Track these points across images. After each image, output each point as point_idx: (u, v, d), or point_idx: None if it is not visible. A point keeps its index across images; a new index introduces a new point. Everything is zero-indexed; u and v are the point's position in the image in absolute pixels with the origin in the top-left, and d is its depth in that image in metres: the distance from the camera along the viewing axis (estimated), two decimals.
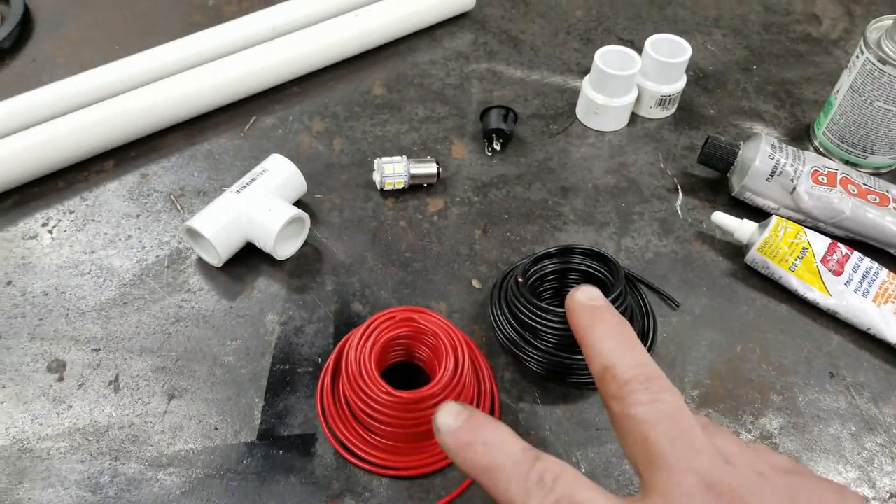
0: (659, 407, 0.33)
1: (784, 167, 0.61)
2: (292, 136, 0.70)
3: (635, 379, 0.34)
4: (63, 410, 0.51)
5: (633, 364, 0.35)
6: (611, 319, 0.38)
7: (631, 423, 0.33)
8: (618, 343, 0.36)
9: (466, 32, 0.82)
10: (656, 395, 0.33)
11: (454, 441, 0.35)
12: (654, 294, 0.59)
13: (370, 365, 0.47)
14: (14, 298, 0.57)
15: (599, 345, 0.37)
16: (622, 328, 0.38)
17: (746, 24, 0.85)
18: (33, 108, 0.67)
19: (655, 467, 0.31)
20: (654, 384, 0.34)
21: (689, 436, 0.32)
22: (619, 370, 0.35)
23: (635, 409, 0.33)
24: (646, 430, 0.32)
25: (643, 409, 0.33)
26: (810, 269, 0.58)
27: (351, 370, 0.47)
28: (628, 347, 0.36)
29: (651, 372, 0.35)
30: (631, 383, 0.34)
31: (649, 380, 0.34)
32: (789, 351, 0.56)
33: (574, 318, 0.40)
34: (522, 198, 0.66)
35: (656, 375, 0.34)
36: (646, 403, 0.33)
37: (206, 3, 0.86)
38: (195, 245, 0.59)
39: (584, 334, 0.38)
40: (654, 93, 0.71)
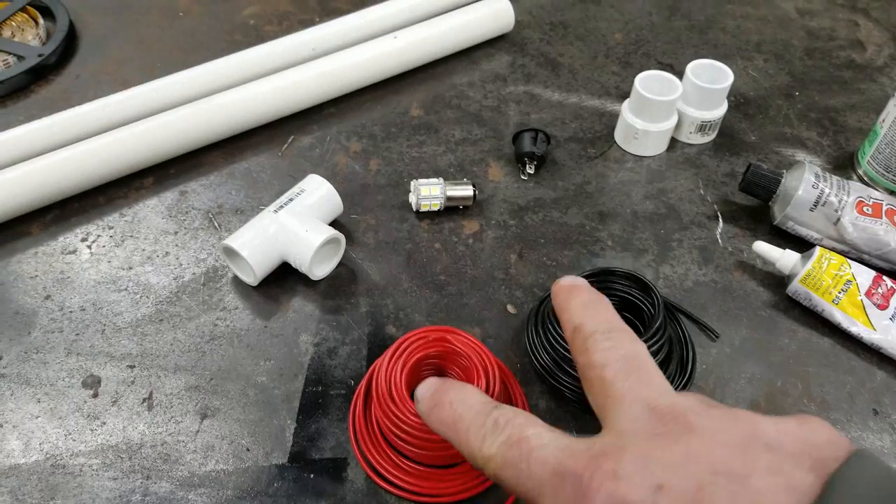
0: (617, 351, 0.34)
1: (828, 197, 0.60)
2: (329, 156, 0.71)
3: (598, 330, 0.36)
4: (97, 427, 0.51)
5: (600, 321, 0.37)
6: (586, 293, 0.40)
7: (591, 369, 0.35)
8: (588, 307, 0.38)
9: (504, 54, 0.82)
10: (616, 342, 0.35)
11: (426, 405, 0.38)
12: (694, 324, 0.58)
13: (401, 384, 0.46)
14: (52, 313, 0.58)
15: (573, 311, 0.39)
16: (596, 298, 0.39)
17: (789, 49, 0.84)
18: (76, 125, 0.68)
19: (609, 402, 0.33)
20: (616, 334, 0.36)
21: (641, 371, 0.33)
22: (585, 325, 0.37)
23: (595, 356, 0.35)
24: (602, 373, 0.34)
25: (602, 354, 0.35)
26: (854, 302, 0.56)
27: (381, 389, 0.47)
28: (597, 310, 0.38)
29: (615, 325, 0.36)
30: (595, 335, 0.36)
31: (612, 330, 0.36)
32: (831, 386, 0.54)
33: (555, 297, 0.41)
34: (559, 222, 0.65)
35: (620, 328, 0.36)
36: (605, 349, 0.35)
37: (246, 23, 0.87)
38: (232, 263, 0.59)
39: (563, 307, 0.40)
40: (695, 118, 0.70)
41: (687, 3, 0.91)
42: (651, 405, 0.31)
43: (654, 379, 0.33)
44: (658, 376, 0.33)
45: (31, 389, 0.53)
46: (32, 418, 0.51)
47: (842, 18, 0.88)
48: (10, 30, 0.81)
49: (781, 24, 0.88)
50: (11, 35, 0.81)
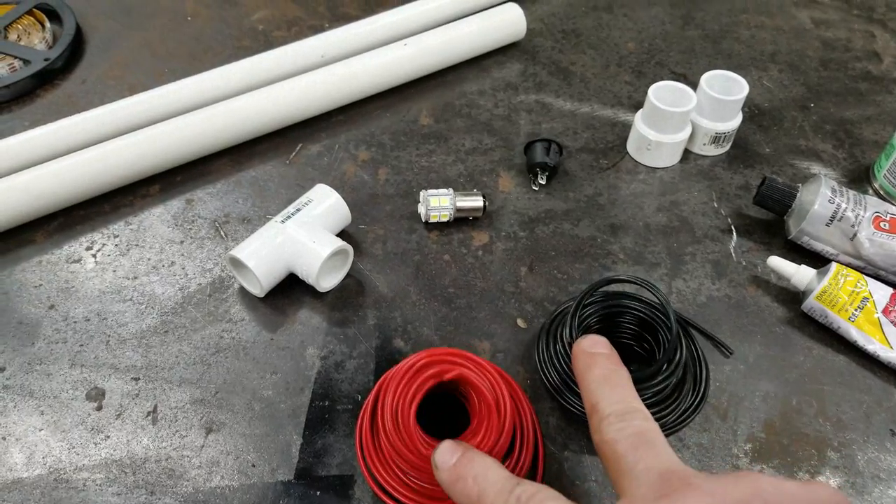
0: (630, 429, 0.37)
1: (845, 212, 0.59)
2: (338, 165, 0.70)
3: (614, 413, 0.38)
4: (100, 440, 0.50)
5: (615, 401, 0.39)
6: (606, 364, 0.42)
7: (606, 446, 0.37)
8: (606, 383, 0.41)
9: (515, 62, 0.81)
10: (629, 422, 0.38)
11: (448, 476, 0.40)
12: (707, 340, 0.57)
13: (409, 420, 0.45)
14: (56, 323, 0.57)
15: (591, 385, 0.41)
16: (614, 372, 0.42)
17: (804, 60, 0.83)
18: (81, 131, 0.67)
19: (623, 475, 0.35)
20: (630, 415, 0.38)
21: (652, 444, 0.36)
22: (601, 405, 0.39)
23: (609, 434, 0.37)
24: (615, 448, 0.36)
25: (616, 433, 0.37)
26: (871, 319, 0.55)
27: (387, 424, 0.45)
28: (614, 387, 0.40)
29: (630, 407, 0.39)
30: (610, 417, 0.38)
31: (626, 413, 0.38)
32: (847, 405, 0.53)
33: (575, 361, 0.44)
34: (570, 234, 0.64)
35: (634, 409, 0.38)
36: (619, 429, 0.37)
37: (255, 28, 0.86)
38: (238, 274, 0.59)
39: (581, 377, 0.43)
40: (709, 130, 0.69)
41: (701, 13, 0.90)
42: (660, 473, 0.34)
43: (663, 451, 0.36)
44: (666, 448, 0.36)
45: (35, 401, 0.52)
46: (36, 431, 0.51)
47: (857, 29, 0.87)
48: (16, 33, 0.80)
49: (796, 34, 0.87)
50: (17, 39, 0.80)
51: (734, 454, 0.50)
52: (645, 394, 0.48)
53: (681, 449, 0.50)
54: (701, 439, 0.51)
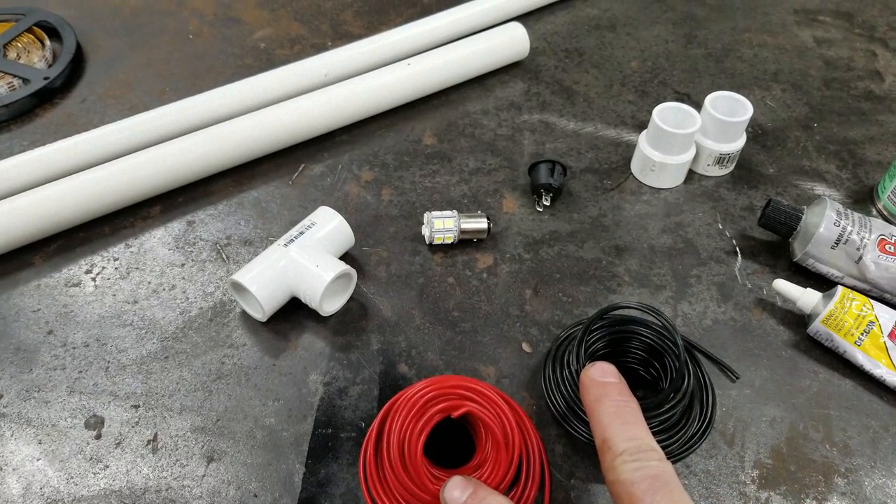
0: (644, 471, 0.37)
1: (850, 235, 0.59)
2: (341, 186, 0.69)
3: (627, 451, 0.38)
4: (99, 470, 0.49)
5: (628, 438, 0.39)
6: (616, 397, 0.42)
7: (619, 486, 0.37)
8: (618, 418, 0.40)
9: (518, 82, 0.81)
10: (644, 462, 0.37)
11: None
12: (713, 364, 0.56)
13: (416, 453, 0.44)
14: (54, 349, 0.56)
15: (602, 419, 0.41)
16: (626, 405, 0.41)
17: (807, 79, 0.83)
18: (81, 152, 0.67)
19: None
20: (644, 454, 0.38)
21: (669, 488, 0.36)
22: (614, 442, 0.39)
23: (624, 475, 0.37)
24: (631, 489, 0.36)
25: (630, 474, 0.37)
26: (877, 344, 0.54)
27: (394, 458, 0.45)
28: (626, 423, 0.40)
29: (643, 445, 0.38)
30: (623, 455, 0.38)
31: (640, 451, 0.38)
32: (854, 430, 0.53)
33: (585, 391, 0.44)
34: (575, 256, 0.63)
35: (648, 448, 0.38)
36: (633, 470, 0.37)
37: (257, 47, 0.86)
38: (240, 298, 0.58)
39: (592, 409, 0.42)
40: (713, 151, 0.69)
41: (703, 31, 0.90)
42: None
43: (680, 497, 0.35)
44: (683, 494, 0.36)
45: (33, 430, 0.51)
46: (33, 461, 0.50)
47: (859, 48, 0.87)
48: (15, 51, 0.80)
49: (799, 53, 0.87)
50: (17, 57, 0.79)
51: (741, 481, 0.50)
52: (652, 422, 0.47)
53: (687, 476, 0.50)
54: (708, 466, 0.50)
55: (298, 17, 0.91)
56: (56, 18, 0.85)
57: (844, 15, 0.93)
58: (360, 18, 0.91)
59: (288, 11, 0.92)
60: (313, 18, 0.91)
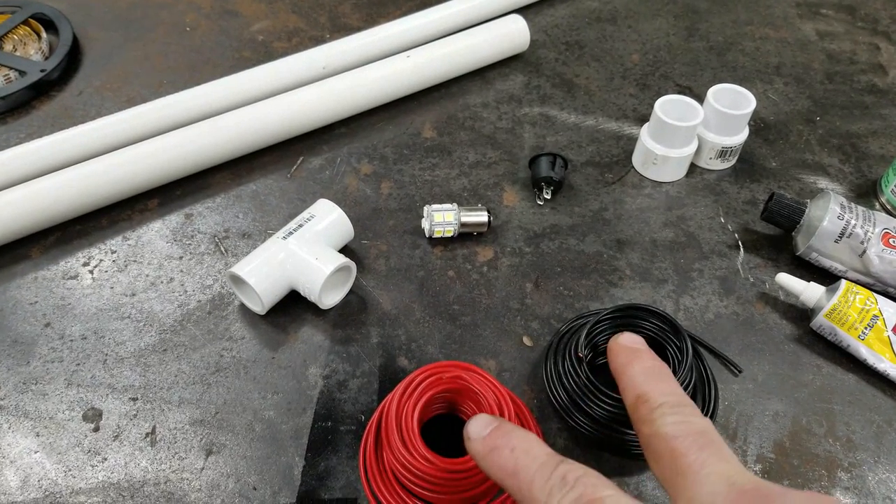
0: (688, 425, 0.34)
1: (854, 229, 0.58)
2: (340, 179, 0.69)
3: (667, 403, 0.36)
4: (97, 463, 0.49)
5: (666, 392, 0.37)
6: (648, 360, 0.40)
7: (659, 441, 0.34)
8: (652, 376, 0.38)
9: (519, 74, 0.81)
10: (686, 416, 0.35)
11: (482, 446, 0.36)
12: (716, 358, 0.56)
13: (413, 428, 0.44)
14: (52, 341, 0.56)
15: (636, 378, 0.39)
16: (659, 366, 0.40)
17: (809, 72, 0.82)
18: (78, 144, 0.66)
19: (682, 474, 0.32)
20: (685, 409, 0.35)
21: (717, 446, 0.33)
22: (651, 396, 0.36)
23: (665, 428, 0.34)
24: (673, 444, 0.33)
25: (672, 427, 0.34)
26: (881, 338, 0.54)
27: (392, 434, 0.45)
28: (662, 379, 0.38)
29: (683, 400, 0.36)
30: (662, 407, 0.35)
31: (680, 405, 0.36)
32: (857, 425, 0.52)
33: (614, 357, 0.42)
34: (576, 250, 0.63)
35: (687, 403, 0.36)
36: (675, 423, 0.34)
37: (255, 39, 0.85)
38: (238, 291, 0.57)
39: (623, 371, 0.40)
40: (715, 144, 0.68)
41: (705, 24, 0.89)
42: (731, 481, 0.31)
43: (730, 456, 0.33)
44: (732, 454, 0.33)
45: (30, 422, 0.51)
46: (31, 453, 0.49)
47: (862, 41, 0.87)
48: (11, 43, 0.79)
49: (801, 46, 0.86)
50: (13, 49, 0.79)
51: None
52: None
53: None
54: None
55: (296, 9, 0.90)
56: (52, 10, 0.85)
57: (847, 8, 0.92)
58: (358, 11, 0.90)
59: (286, 4, 0.91)
60: (311, 11, 0.90)
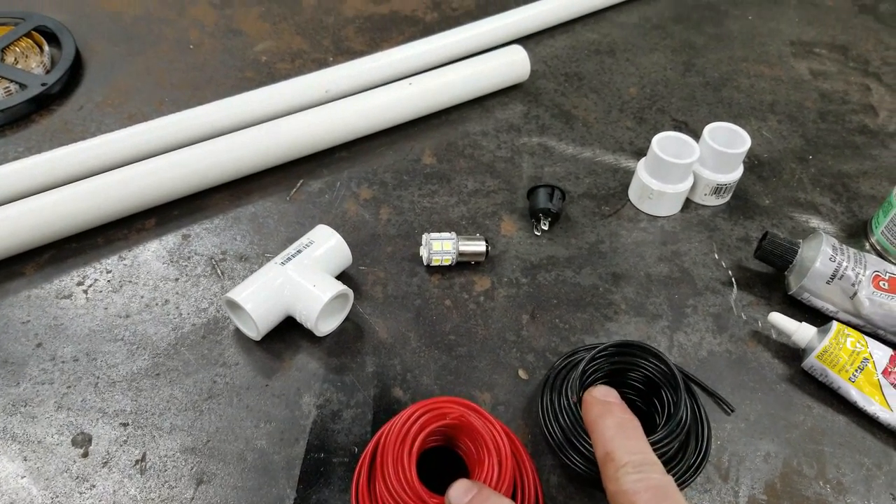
0: (647, 482, 0.37)
1: (845, 270, 0.59)
2: (339, 203, 0.69)
3: (630, 463, 0.38)
4: (85, 490, 0.48)
5: (631, 451, 0.39)
6: (619, 414, 0.42)
7: (622, 497, 0.37)
8: (621, 432, 0.41)
9: (518, 104, 0.81)
10: (647, 474, 0.38)
11: None
12: (708, 396, 0.56)
13: (409, 466, 0.44)
14: (43, 363, 0.55)
15: (605, 433, 0.41)
16: (628, 422, 0.42)
17: (802, 111, 0.84)
18: (77, 161, 0.66)
19: None
20: (647, 467, 0.38)
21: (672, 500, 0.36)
22: (617, 455, 0.39)
23: (627, 486, 0.37)
24: (634, 499, 0.37)
25: (632, 484, 0.37)
26: (871, 381, 0.55)
27: (387, 467, 0.44)
28: (629, 437, 0.41)
29: (647, 459, 0.39)
30: (626, 466, 0.38)
31: (643, 464, 0.38)
32: (847, 467, 0.53)
33: (587, 409, 0.44)
34: (572, 282, 0.63)
35: (651, 462, 0.39)
36: (635, 481, 0.37)
37: (258, 59, 0.85)
38: (234, 316, 0.57)
39: (594, 424, 0.42)
40: (710, 181, 0.69)
41: (702, 59, 0.90)
42: None
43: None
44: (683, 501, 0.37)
45: (18, 446, 0.50)
46: (17, 478, 0.49)
47: (854, 82, 0.88)
48: (13, 56, 0.79)
49: (795, 84, 0.87)
50: (14, 61, 0.78)
51: None
52: None
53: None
54: (702, 500, 0.50)
55: (300, 30, 0.91)
56: (55, 23, 0.85)
57: (840, 48, 0.94)
58: (361, 35, 0.91)
59: (290, 25, 0.92)
60: (315, 33, 0.90)
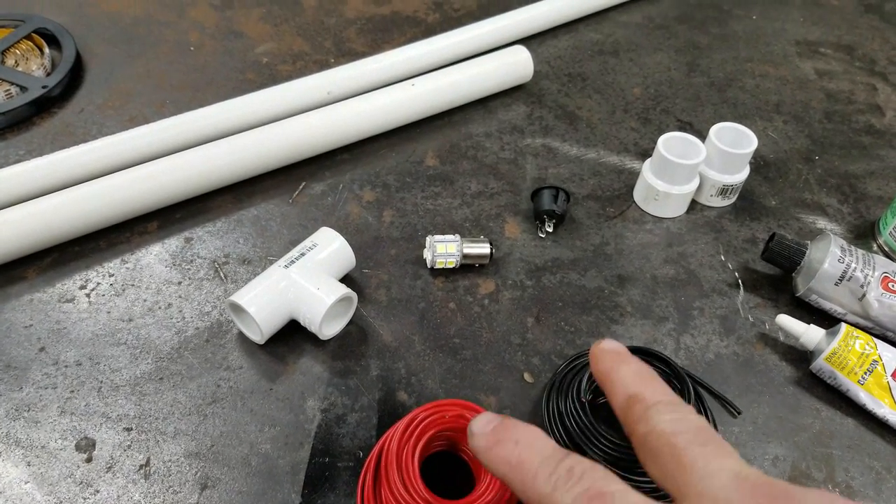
0: (687, 422, 0.33)
1: (854, 272, 0.58)
2: (342, 205, 0.68)
3: (661, 402, 0.34)
4: (89, 495, 0.48)
5: (660, 391, 0.35)
6: (635, 363, 0.38)
7: (657, 438, 0.32)
8: (643, 377, 0.36)
9: (521, 105, 0.81)
10: (684, 414, 0.33)
11: (486, 440, 0.35)
12: (715, 399, 0.56)
13: (413, 469, 0.43)
14: (46, 367, 0.55)
15: (625, 378, 0.36)
16: (647, 369, 0.37)
17: (808, 111, 0.83)
18: (78, 164, 0.65)
19: (686, 471, 0.31)
20: (681, 407, 0.34)
21: (718, 442, 0.32)
22: (645, 395, 0.35)
23: (662, 425, 0.32)
24: (673, 441, 0.32)
25: (670, 424, 0.32)
26: (880, 383, 0.54)
27: (392, 471, 0.44)
28: (654, 380, 0.36)
29: (677, 399, 0.35)
30: (658, 405, 0.34)
31: (676, 403, 0.34)
32: (857, 471, 0.52)
33: (597, 361, 0.39)
34: (577, 285, 0.63)
35: (682, 402, 0.34)
36: (673, 420, 0.33)
37: (260, 61, 0.85)
38: (237, 319, 0.57)
39: (609, 374, 0.38)
40: (717, 182, 0.68)
41: (706, 59, 0.90)
42: (740, 475, 0.29)
43: (732, 451, 0.31)
44: (733, 450, 0.32)
45: (21, 451, 0.50)
46: (21, 483, 0.48)
47: (860, 82, 0.88)
48: (13, 58, 0.78)
49: (800, 84, 0.87)
50: (15, 64, 0.78)
51: None
52: None
53: None
54: None
55: (301, 32, 0.90)
56: (55, 25, 0.84)
57: (845, 48, 0.93)
58: (363, 36, 0.90)
59: (291, 26, 0.91)
60: (317, 35, 0.90)
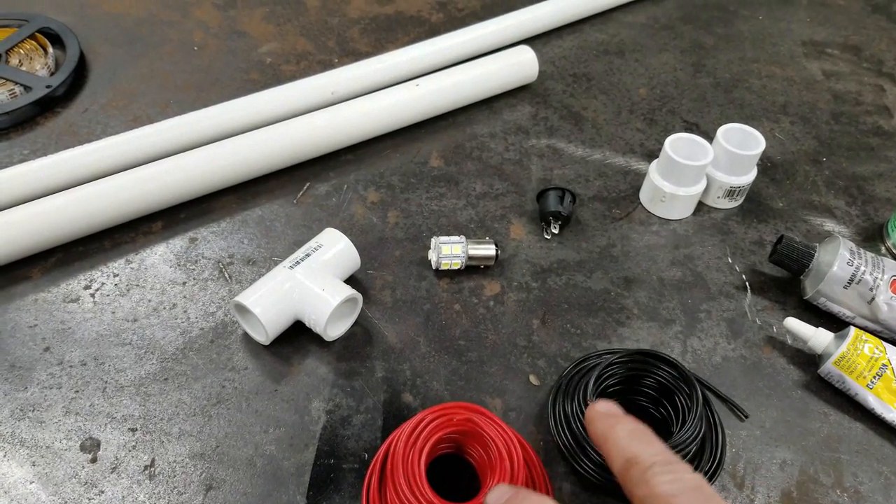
0: (683, 483, 0.34)
1: (863, 275, 0.58)
2: (346, 206, 0.68)
3: (658, 463, 0.35)
4: (94, 496, 0.48)
5: (655, 453, 0.36)
6: (630, 423, 0.39)
7: (657, 500, 0.34)
8: (638, 438, 0.38)
9: (526, 105, 0.80)
10: (679, 474, 0.35)
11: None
12: (722, 403, 0.55)
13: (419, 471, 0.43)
14: (50, 367, 0.55)
15: (621, 442, 0.38)
16: (642, 428, 0.39)
17: (815, 112, 0.83)
18: (82, 164, 0.65)
19: None
20: (677, 466, 0.35)
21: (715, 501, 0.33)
22: (641, 458, 0.36)
23: (661, 487, 0.34)
24: (673, 501, 0.33)
25: (668, 486, 0.34)
26: (889, 387, 0.54)
27: (397, 474, 0.44)
28: (648, 441, 0.37)
29: (672, 458, 0.36)
30: (654, 467, 0.35)
31: (671, 463, 0.35)
32: (865, 475, 0.52)
33: (593, 425, 0.40)
34: (583, 287, 0.63)
35: (677, 460, 0.36)
36: (670, 481, 0.34)
37: (263, 61, 0.84)
38: (242, 320, 0.56)
39: (606, 436, 0.39)
40: (724, 183, 0.68)
41: (712, 60, 0.90)
42: None
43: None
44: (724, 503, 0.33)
45: (26, 451, 0.50)
46: (26, 483, 0.48)
47: (868, 82, 0.87)
48: (17, 58, 0.78)
49: (807, 85, 0.86)
50: (19, 63, 0.78)
51: None
52: None
53: None
54: None
55: (305, 32, 0.90)
56: (59, 25, 0.84)
57: (852, 48, 0.93)
58: (366, 36, 0.90)
59: (294, 26, 0.91)
60: (320, 34, 0.90)
